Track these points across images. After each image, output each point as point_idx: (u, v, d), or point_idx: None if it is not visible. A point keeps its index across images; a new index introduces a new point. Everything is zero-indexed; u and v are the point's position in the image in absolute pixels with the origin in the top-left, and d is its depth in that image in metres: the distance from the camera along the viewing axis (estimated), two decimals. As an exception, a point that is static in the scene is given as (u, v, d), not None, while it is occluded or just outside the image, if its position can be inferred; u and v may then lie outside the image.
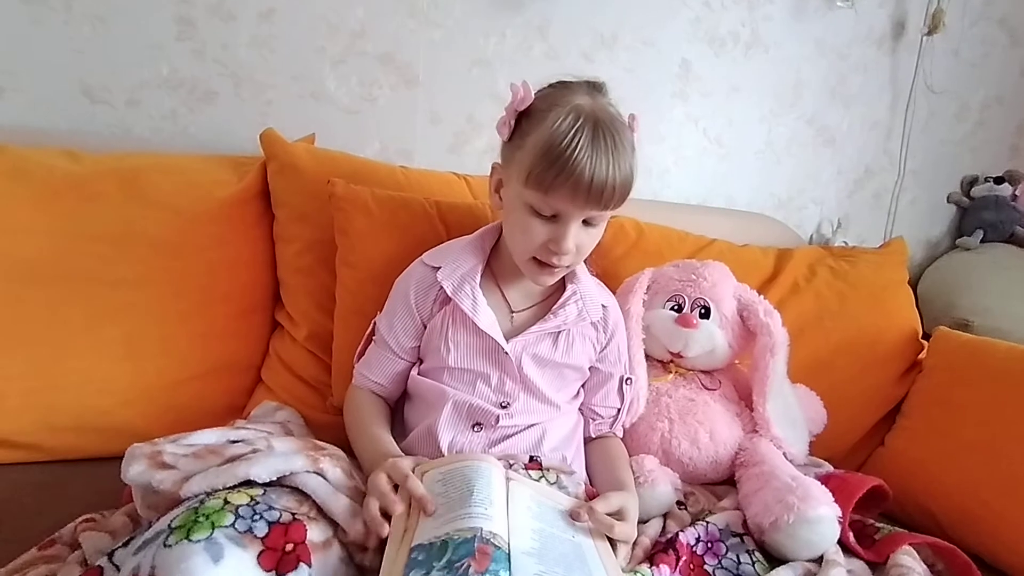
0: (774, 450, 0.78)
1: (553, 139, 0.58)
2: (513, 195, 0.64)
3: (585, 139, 0.57)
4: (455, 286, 0.68)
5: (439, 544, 0.46)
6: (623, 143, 0.60)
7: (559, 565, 0.49)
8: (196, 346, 0.83)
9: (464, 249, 0.71)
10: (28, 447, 0.74)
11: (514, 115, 0.63)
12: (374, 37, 1.07)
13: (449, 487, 0.53)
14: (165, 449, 0.51)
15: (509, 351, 0.67)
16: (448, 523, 0.49)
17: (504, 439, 0.68)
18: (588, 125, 0.58)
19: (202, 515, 0.42)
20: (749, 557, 0.63)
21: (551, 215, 0.61)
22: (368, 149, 1.10)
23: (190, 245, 0.83)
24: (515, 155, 0.62)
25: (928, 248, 1.59)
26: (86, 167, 0.81)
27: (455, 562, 0.44)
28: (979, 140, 1.57)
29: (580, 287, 0.72)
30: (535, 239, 0.63)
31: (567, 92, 0.62)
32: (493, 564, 0.44)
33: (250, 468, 0.48)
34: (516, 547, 0.48)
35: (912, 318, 1.08)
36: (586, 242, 0.65)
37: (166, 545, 0.40)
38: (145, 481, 0.48)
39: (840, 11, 1.34)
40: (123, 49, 0.96)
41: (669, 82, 1.27)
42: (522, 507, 0.54)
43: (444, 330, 0.69)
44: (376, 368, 0.73)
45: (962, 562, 0.66)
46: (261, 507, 0.45)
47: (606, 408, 0.77)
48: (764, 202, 1.41)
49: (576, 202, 0.59)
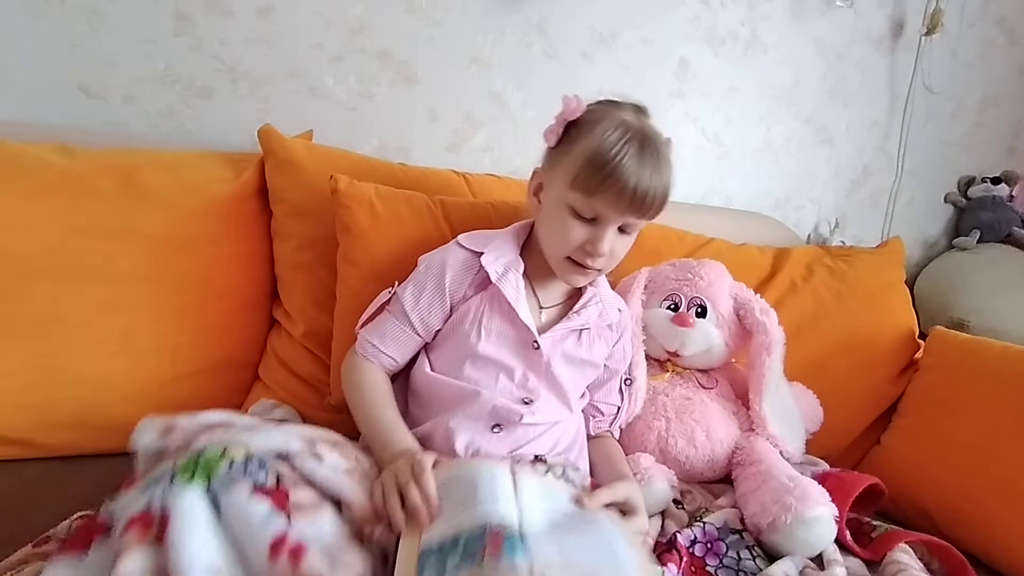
0: (771, 449, 0.78)
1: (603, 146, 0.62)
2: (555, 197, 0.67)
3: (633, 149, 0.62)
4: (500, 272, 0.69)
5: (450, 542, 0.47)
6: (666, 159, 0.65)
7: (573, 535, 0.50)
8: (193, 343, 0.82)
9: (505, 239, 0.73)
10: (23, 443, 0.74)
11: (563, 124, 0.67)
12: (372, 34, 1.07)
13: (451, 489, 0.53)
14: (178, 423, 0.54)
15: (541, 345, 0.68)
16: (454, 521, 0.49)
17: (526, 443, 0.67)
18: (636, 138, 0.63)
19: (203, 461, 0.45)
20: (749, 552, 0.63)
21: (591, 217, 0.65)
22: (366, 146, 1.09)
23: (187, 241, 0.83)
24: (561, 160, 0.66)
25: (925, 248, 1.59)
26: (82, 163, 0.81)
27: (468, 553, 0.45)
28: (976, 140, 1.57)
29: (600, 290, 0.74)
30: (573, 240, 0.66)
31: (615, 109, 0.67)
32: (507, 544, 0.45)
33: (250, 441, 0.50)
34: (528, 528, 0.49)
35: (909, 317, 1.08)
36: (619, 248, 0.68)
37: (173, 484, 0.44)
38: (156, 448, 0.51)
39: (839, 11, 1.34)
40: (119, 44, 0.95)
41: (668, 81, 1.27)
42: (531, 492, 0.54)
43: (479, 315, 0.69)
44: (391, 341, 0.70)
45: (957, 560, 0.67)
46: (253, 465, 0.48)
47: (607, 405, 0.78)
48: (762, 201, 1.41)
49: (619, 207, 0.63)
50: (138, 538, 0.42)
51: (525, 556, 0.45)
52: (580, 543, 0.49)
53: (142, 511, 0.43)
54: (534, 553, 0.45)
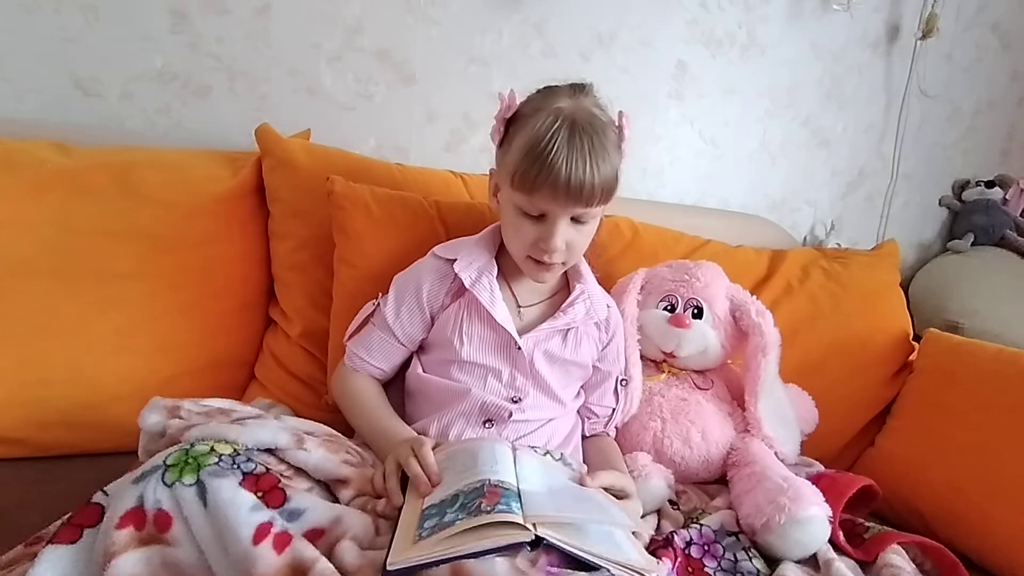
0: (766, 450, 0.78)
1: (532, 141, 0.60)
2: (505, 197, 0.67)
3: (561, 140, 0.59)
4: (473, 278, 0.69)
5: (450, 498, 0.49)
6: (602, 142, 0.61)
7: (568, 499, 0.51)
8: (189, 342, 0.82)
9: (477, 244, 0.73)
10: (17, 442, 0.73)
11: (503, 123, 0.66)
12: (371, 33, 1.07)
13: (453, 462, 0.55)
14: (183, 405, 0.56)
15: (522, 346, 0.68)
16: (455, 484, 0.51)
17: (518, 438, 0.68)
18: (565, 126, 0.60)
19: (191, 457, 0.46)
20: (746, 554, 0.63)
21: (538, 215, 0.64)
22: (363, 146, 1.09)
23: (183, 240, 0.82)
24: (504, 159, 0.65)
25: (920, 251, 1.60)
26: (78, 160, 0.80)
27: (467, 504, 0.47)
28: (971, 144, 1.58)
29: (588, 287, 0.74)
30: (526, 238, 0.65)
31: (550, 96, 0.64)
32: (503, 499, 0.47)
33: (239, 436, 0.51)
34: (525, 488, 0.50)
35: (903, 320, 1.09)
36: (577, 240, 0.66)
37: (165, 483, 0.45)
38: (160, 429, 0.54)
39: (835, 14, 1.34)
40: (116, 41, 0.95)
41: (665, 83, 1.27)
42: (530, 466, 0.56)
43: (458, 323, 0.69)
44: (378, 353, 0.72)
45: (950, 561, 0.67)
46: (241, 459, 0.49)
47: (602, 407, 0.78)
48: (758, 203, 1.41)
49: (557, 201, 0.62)
50: (132, 537, 0.43)
51: (520, 506, 0.46)
52: (576, 505, 0.51)
53: (135, 507, 0.44)
54: (528, 505, 0.47)
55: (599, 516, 0.51)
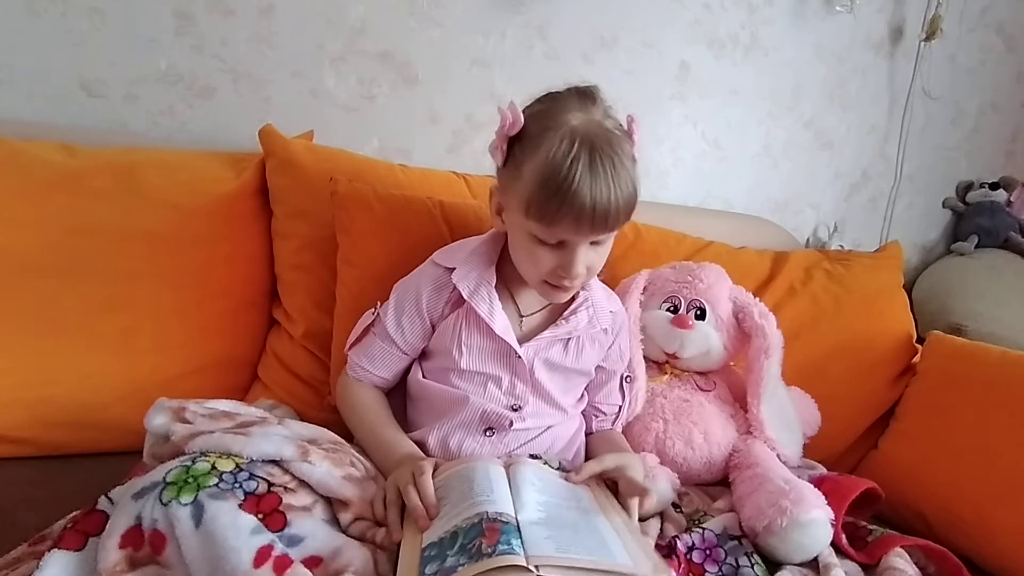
0: (768, 452, 0.78)
1: (550, 170, 0.56)
2: (515, 223, 0.62)
3: (583, 168, 0.55)
4: (471, 289, 0.67)
5: (449, 536, 0.48)
6: (622, 160, 0.58)
7: (567, 529, 0.51)
8: (192, 342, 0.82)
9: (476, 251, 0.70)
10: (20, 442, 0.74)
11: (505, 140, 0.61)
12: (374, 35, 1.07)
13: (449, 490, 0.55)
14: (188, 407, 0.56)
15: (523, 355, 0.67)
16: (453, 518, 0.50)
17: (519, 446, 0.68)
18: (584, 149, 0.56)
19: (191, 476, 0.46)
20: (748, 559, 0.63)
21: (556, 243, 0.61)
22: (367, 147, 1.09)
23: (187, 241, 0.83)
24: (513, 184, 0.60)
25: (923, 253, 1.60)
26: (82, 161, 0.81)
27: (467, 544, 0.46)
28: (975, 146, 1.58)
29: (591, 294, 0.71)
30: (544, 266, 0.62)
31: (558, 109, 0.59)
32: (503, 536, 0.46)
33: (243, 448, 0.51)
34: (524, 519, 0.50)
35: (907, 322, 1.08)
36: (596, 261, 0.64)
37: (162, 501, 0.45)
38: (165, 431, 0.53)
39: (839, 15, 1.34)
40: (121, 43, 0.95)
41: (668, 84, 1.27)
42: (526, 483, 0.55)
43: (457, 332, 0.68)
44: (379, 362, 0.71)
45: (953, 565, 0.67)
46: (243, 475, 0.48)
47: (609, 405, 0.78)
48: (761, 205, 1.41)
49: (581, 231, 0.58)
50: (128, 561, 0.44)
51: (521, 545, 0.46)
52: (575, 539, 0.50)
53: (133, 525, 0.45)
54: (529, 543, 0.47)
55: (598, 557, 0.49)
